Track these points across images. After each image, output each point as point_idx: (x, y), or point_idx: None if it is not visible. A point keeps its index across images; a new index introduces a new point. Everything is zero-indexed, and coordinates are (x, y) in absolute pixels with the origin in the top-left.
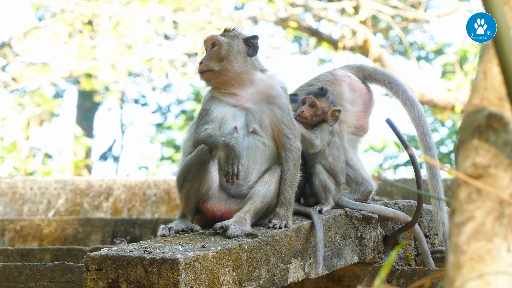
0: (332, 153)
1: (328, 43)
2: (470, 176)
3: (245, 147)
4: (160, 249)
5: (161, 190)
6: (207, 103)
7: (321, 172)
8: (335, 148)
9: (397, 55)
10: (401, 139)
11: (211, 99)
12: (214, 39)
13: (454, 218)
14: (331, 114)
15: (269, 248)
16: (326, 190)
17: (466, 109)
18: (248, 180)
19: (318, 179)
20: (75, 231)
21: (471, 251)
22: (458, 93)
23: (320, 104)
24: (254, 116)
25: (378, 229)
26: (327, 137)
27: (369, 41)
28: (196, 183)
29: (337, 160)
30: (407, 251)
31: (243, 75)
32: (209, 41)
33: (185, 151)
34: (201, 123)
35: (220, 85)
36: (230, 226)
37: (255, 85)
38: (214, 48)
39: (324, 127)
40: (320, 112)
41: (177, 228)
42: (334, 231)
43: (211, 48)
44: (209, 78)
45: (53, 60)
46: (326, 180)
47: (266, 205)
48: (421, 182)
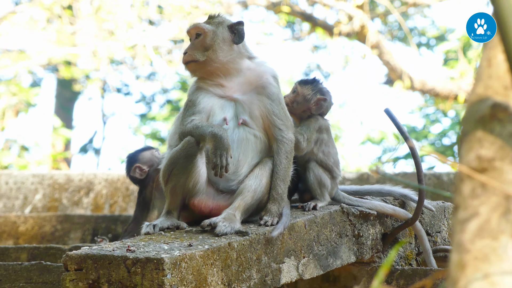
0: (322, 150)
1: (323, 29)
2: (474, 170)
3: (235, 140)
4: (144, 248)
5: None
6: (193, 94)
7: (315, 167)
8: (323, 144)
9: (396, 41)
10: (400, 130)
11: (198, 90)
12: (198, 28)
13: (457, 215)
14: (315, 103)
15: (260, 247)
16: (321, 185)
17: (469, 99)
18: (238, 175)
19: (312, 173)
20: (53, 228)
21: (476, 250)
22: (461, 82)
23: (302, 91)
24: (243, 107)
25: (377, 227)
26: (314, 135)
27: (367, 26)
28: (182, 178)
29: (327, 156)
30: (407, 250)
31: (229, 64)
32: (193, 30)
33: (171, 144)
34: (187, 115)
35: (206, 75)
36: (218, 223)
37: (242, 74)
38: (199, 38)
39: (311, 124)
40: (301, 99)
41: (162, 225)
42: (329, 228)
43: (195, 37)
44: (194, 69)
45: (30, 47)
46: (320, 174)
47: (257, 201)
48: (422, 176)
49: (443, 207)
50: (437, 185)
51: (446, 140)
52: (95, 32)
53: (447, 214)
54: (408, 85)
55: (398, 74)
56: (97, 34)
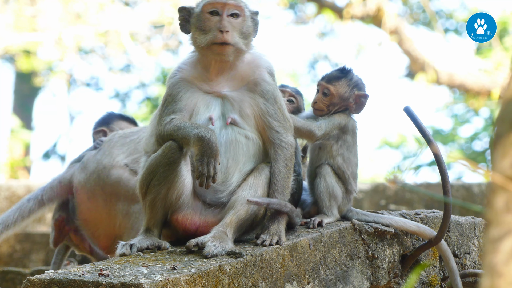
0: (342, 153)
1: (332, 11)
2: (510, 179)
3: (223, 142)
4: (120, 271)
5: None
6: (174, 87)
7: (328, 174)
8: (345, 147)
9: (419, 26)
10: (422, 132)
11: (181, 82)
12: (238, 6)
13: (489, 232)
14: (355, 100)
15: (256, 270)
16: (332, 197)
17: (505, 95)
18: (228, 185)
19: (324, 182)
20: (11, 249)
21: (510, 274)
22: (496, 75)
23: (336, 90)
24: (232, 105)
25: (394, 247)
26: (335, 132)
27: (383, 9)
28: (163, 189)
29: (347, 162)
30: (430, 274)
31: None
32: (231, 4)
33: (148, 149)
34: (166, 112)
35: (207, 66)
36: (207, 243)
37: (234, 67)
38: (237, 19)
39: (335, 117)
40: (338, 99)
41: (140, 245)
42: (338, 249)
43: (229, 15)
44: (229, 54)
45: None
46: (333, 184)
47: (252, 216)
48: (449, 187)
49: (473, 224)
50: (466, 198)
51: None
52: (59, 15)
53: (477, 232)
54: (433, 78)
55: (421, 66)
56: (62, 17)
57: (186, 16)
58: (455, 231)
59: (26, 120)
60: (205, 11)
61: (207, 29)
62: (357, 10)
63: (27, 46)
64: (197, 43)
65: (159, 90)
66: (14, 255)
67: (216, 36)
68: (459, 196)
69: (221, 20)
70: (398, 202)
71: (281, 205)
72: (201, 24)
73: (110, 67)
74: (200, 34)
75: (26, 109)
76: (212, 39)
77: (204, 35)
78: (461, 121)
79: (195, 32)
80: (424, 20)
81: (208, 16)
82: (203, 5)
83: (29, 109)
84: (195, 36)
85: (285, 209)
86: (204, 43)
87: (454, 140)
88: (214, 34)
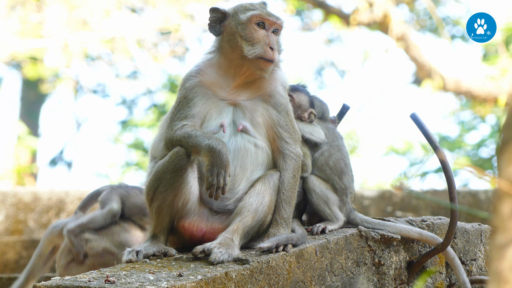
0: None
1: (338, 18)
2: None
3: (231, 150)
4: (126, 278)
5: None
6: (192, 90)
7: (315, 185)
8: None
9: (425, 32)
10: (429, 139)
11: (198, 87)
12: (281, 25)
13: (495, 239)
14: (308, 114)
15: (263, 277)
16: (329, 203)
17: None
18: (235, 192)
19: (314, 194)
20: (18, 255)
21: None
22: (503, 81)
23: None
24: (243, 113)
25: (401, 253)
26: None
27: (390, 15)
28: (170, 195)
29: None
30: (437, 280)
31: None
32: (277, 23)
33: (156, 155)
34: (178, 117)
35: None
36: (213, 250)
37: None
38: (277, 36)
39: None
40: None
41: (146, 251)
42: (345, 255)
43: (272, 31)
44: (269, 71)
45: None
46: (324, 192)
47: (259, 222)
48: (455, 193)
49: (479, 230)
50: (472, 204)
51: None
52: (65, 21)
53: (484, 239)
54: (439, 85)
55: (428, 72)
56: (68, 24)
57: (218, 18)
58: (461, 238)
59: (33, 127)
60: (253, 21)
61: (255, 42)
62: (363, 17)
63: (34, 52)
64: (241, 52)
65: (166, 97)
66: (20, 262)
67: (266, 51)
68: (466, 203)
69: (268, 36)
70: (404, 208)
71: (288, 239)
72: (248, 35)
73: (117, 73)
74: (247, 45)
75: (33, 116)
76: (261, 53)
77: (251, 46)
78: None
79: (235, 40)
80: (430, 26)
81: (256, 28)
82: (252, 15)
83: (36, 116)
84: (233, 44)
85: (293, 242)
86: (251, 55)
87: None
88: (265, 49)
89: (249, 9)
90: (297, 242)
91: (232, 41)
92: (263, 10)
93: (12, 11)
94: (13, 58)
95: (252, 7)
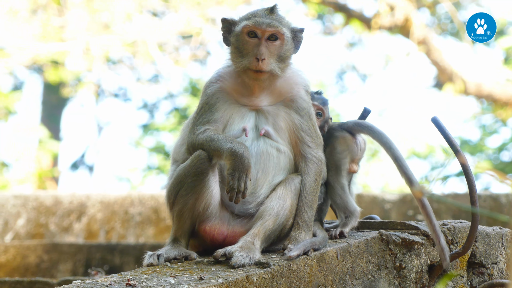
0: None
1: (360, 22)
2: None
3: (254, 154)
4: (147, 282)
5: (147, 208)
6: (213, 96)
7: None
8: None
9: (447, 36)
10: (450, 142)
11: (220, 92)
12: (278, 31)
13: None
14: (327, 123)
15: (284, 280)
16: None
17: None
18: (257, 196)
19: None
20: (39, 259)
21: None
22: None
23: (326, 112)
24: (266, 118)
25: (422, 257)
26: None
27: (411, 19)
28: (191, 199)
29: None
30: (458, 284)
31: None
32: (269, 31)
33: (177, 158)
34: (200, 122)
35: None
36: (235, 253)
37: (272, 84)
38: (275, 42)
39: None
40: (323, 122)
41: (168, 255)
42: (366, 259)
43: (268, 38)
44: (264, 80)
45: (10, 43)
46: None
47: (280, 226)
48: (476, 197)
49: (500, 234)
50: (493, 208)
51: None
52: (87, 25)
53: (505, 242)
54: (460, 88)
55: (449, 76)
56: (89, 27)
57: (228, 28)
58: (482, 241)
59: (54, 131)
60: (245, 32)
61: (244, 53)
62: (385, 21)
63: (55, 56)
64: (234, 64)
65: (187, 101)
66: (41, 265)
67: (251, 63)
68: (487, 206)
69: (259, 45)
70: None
71: (313, 244)
72: (239, 45)
73: (138, 77)
74: (237, 56)
75: (54, 119)
76: (247, 64)
77: (241, 58)
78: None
79: (233, 51)
80: (452, 30)
81: (247, 39)
82: (243, 26)
83: (57, 119)
84: (232, 56)
85: (315, 247)
86: (239, 68)
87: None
88: (250, 60)
89: (244, 18)
90: (320, 246)
91: (232, 52)
92: (256, 19)
93: (33, 15)
94: (35, 62)
95: (249, 15)
